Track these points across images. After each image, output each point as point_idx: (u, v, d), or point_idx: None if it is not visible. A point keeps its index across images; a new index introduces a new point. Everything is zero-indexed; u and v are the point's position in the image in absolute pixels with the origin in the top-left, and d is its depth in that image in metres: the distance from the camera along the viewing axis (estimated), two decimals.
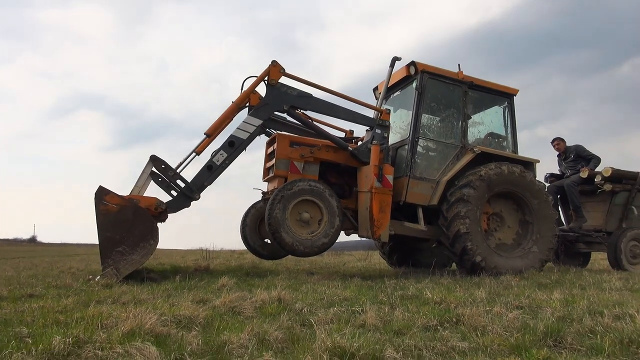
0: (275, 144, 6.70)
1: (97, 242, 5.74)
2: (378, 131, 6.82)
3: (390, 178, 6.40)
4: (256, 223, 7.61)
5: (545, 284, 5.42)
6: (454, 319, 3.28)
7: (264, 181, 7.35)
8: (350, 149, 6.74)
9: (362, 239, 7.26)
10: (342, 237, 7.69)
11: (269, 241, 7.42)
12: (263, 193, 7.36)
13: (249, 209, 7.64)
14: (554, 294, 4.31)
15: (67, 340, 2.38)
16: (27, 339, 2.53)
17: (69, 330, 2.67)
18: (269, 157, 7.16)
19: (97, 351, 2.33)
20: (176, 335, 2.72)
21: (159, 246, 5.97)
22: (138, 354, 2.25)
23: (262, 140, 7.34)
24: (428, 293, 4.36)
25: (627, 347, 2.52)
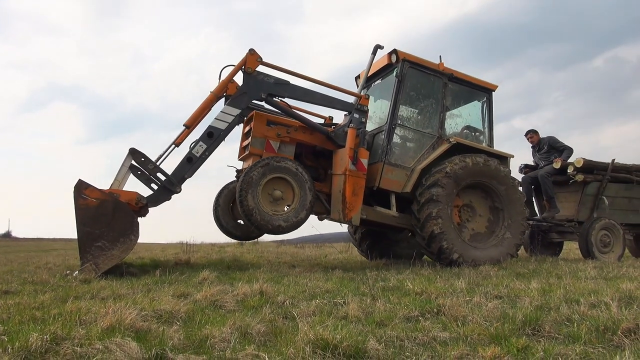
0: (252, 123, 6.66)
1: (74, 236, 5.63)
2: (356, 115, 6.83)
3: (364, 162, 6.43)
4: (229, 204, 7.52)
5: (523, 273, 5.52)
6: (435, 310, 3.32)
7: (239, 160, 7.29)
8: (329, 132, 6.75)
9: (341, 227, 7.28)
10: (323, 229, 7.71)
11: (242, 222, 7.39)
12: (237, 171, 7.30)
13: (222, 190, 7.56)
14: (531, 284, 4.41)
15: (45, 337, 2.33)
16: (3, 336, 2.47)
17: (46, 327, 2.61)
18: (245, 135, 7.11)
19: (75, 348, 2.29)
20: (157, 330, 2.69)
21: (138, 240, 5.89)
22: (118, 349, 2.22)
23: (239, 130, 7.27)
24: (409, 284, 4.40)
25: (603, 334, 2.58)
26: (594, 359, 2.19)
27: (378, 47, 7.15)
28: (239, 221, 7.48)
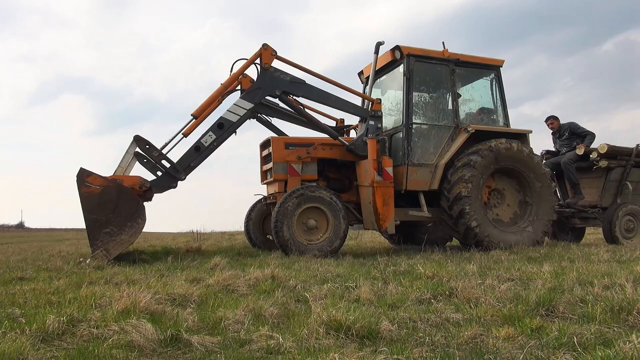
0: (271, 148, 6.64)
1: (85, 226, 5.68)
2: (371, 122, 6.78)
3: (390, 170, 6.41)
4: (260, 219, 7.66)
5: (535, 257, 5.49)
6: (447, 292, 3.31)
7: (262, 184, 7.35)
8: (347, 143, 6.70)
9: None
10: None
11: (271, 237, 7.45)
12: (264, 198, 7.39)
13: (253, 206, 7.69)
14: (543, 267, 4.38)
15: (61, 319, 2.36)
16: (21, 318, 2.51)
17: (62, 309, 2.65)
18: (264, 159, 7.13)
19: (92, 329, 2.32)
20: (171, 312, 2.71)
21: (148, 229, 5.96)
22: (134, 331, 2.24)
23: (249, 123, 7.25)
24: (420, 268, 4.40)
25: (618, 314, 2.56)
26: (610, 338, 2.17)
27: (379, 44, 7.12)
28: (268, 236, 7.58)
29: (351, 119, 7.74)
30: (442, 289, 3.40)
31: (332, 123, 7.89)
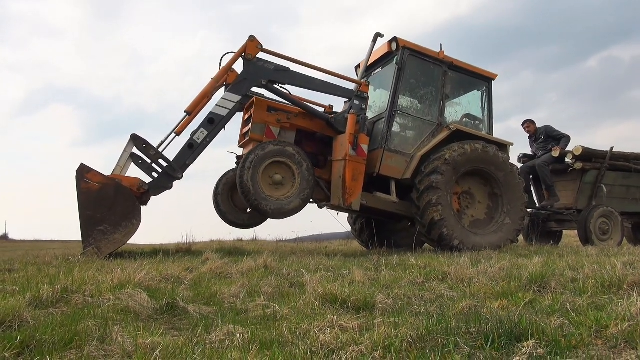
0: (253, 109, 6.65)
1: (71, 238, 5.63)
2: (356, 102, 6.80)
3: (365, 147, 6.41)
4: (229, 198, 7.37)
5: (524, 254, 5.54)
6: (440, 277, 3.34)
7: (239, 146, 7.22)
8: (329, 118, 6.73)
9: (340, 227, 7.24)
10: (322, 229, 7.63)
11: (249, 210, 7.27)
12: (237, 157, 7.24)
13: (216, 191, 7.36)
14: (534, 259, 4.41)
15: (56, 287, 2.33)
16: (15, 287, 2.48)
17: (57, 281, 2.61)
18: (245, 122, 7.07)
19: (87, 298, 2.30)
20: (166, 287, 2.70)
21: (134, 240, 5.87)
22: (130, 299, 2.23)
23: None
24: (412, 260, 4.42)
25: (609, 289, 2.60)
26: (602, 304, 2.21)
27: (378, 35, 7.12)
28: (248, 210, 7.35)
29: (341, 106, 7.73)
30: (435, 274, 3.43)
31: (321, 110, 7.88)
